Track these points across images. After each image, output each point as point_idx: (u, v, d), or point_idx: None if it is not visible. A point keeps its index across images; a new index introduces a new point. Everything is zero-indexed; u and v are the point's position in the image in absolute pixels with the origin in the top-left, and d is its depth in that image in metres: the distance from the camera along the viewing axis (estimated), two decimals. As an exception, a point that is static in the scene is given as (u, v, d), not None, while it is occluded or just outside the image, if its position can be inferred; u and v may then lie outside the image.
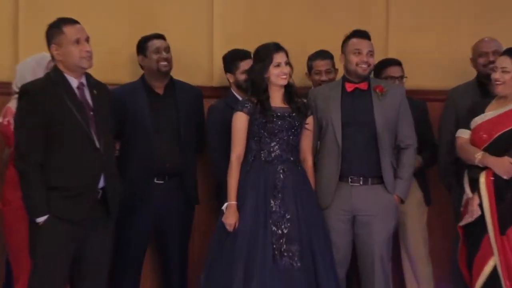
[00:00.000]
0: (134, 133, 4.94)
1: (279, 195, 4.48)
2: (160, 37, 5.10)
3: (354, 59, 4.70)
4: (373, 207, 4.64)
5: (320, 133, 4.76)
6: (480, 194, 4.53)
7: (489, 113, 4.65)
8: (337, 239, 4.64)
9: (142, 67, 5.13)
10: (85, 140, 4.16)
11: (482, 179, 4.54)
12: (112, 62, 5.24)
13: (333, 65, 5.29)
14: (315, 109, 4.76)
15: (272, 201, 4.46)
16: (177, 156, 4.98)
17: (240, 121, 4.55)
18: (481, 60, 5.20)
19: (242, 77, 4.97)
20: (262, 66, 4.52)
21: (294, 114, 4.57)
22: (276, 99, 4.59)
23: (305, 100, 4.66)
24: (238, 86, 5.07)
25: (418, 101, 5.28)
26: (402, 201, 4.76)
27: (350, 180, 4.66)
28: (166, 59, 5.04)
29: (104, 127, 4.26)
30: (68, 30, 4.19)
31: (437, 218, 5.51)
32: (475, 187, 4.59)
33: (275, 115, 4.51)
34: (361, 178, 4.66)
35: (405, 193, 4.74)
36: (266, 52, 4.54)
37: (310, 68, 5.34)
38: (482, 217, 4.51)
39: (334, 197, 4.63)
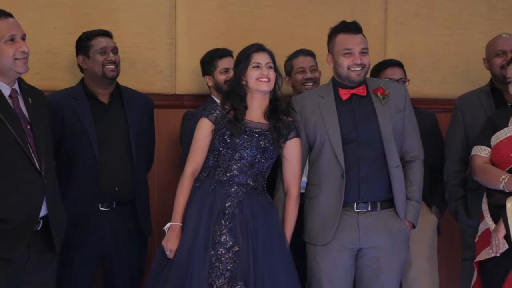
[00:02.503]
0: (74, 150, 4.45)
1: (228, 223, 4.00)
2: (106, 34, 4.57)
3: (344, 61, 4.13)
4: (383, 238, 4.15)
5: (310, 152, 4.22)
6: (508, 223, 4.05)
7: None
8: (337, 276, 4.15)
9: (82, 69, 4.60)
10: (23, 161, 3.76)
11: (510, 204, 4.07)
12: (51, 65, 4.77)
13: (316, 64, 4.89)
14: (304, 122, 4.22)
15: (218, 229, 4.00)
16: (128, 177, 4.47)
17: (202, 130, 4.13)
18: (498, 60, 4.71)
19: (221, 77, 4.66)
20: (239, 69, 4.11)
21: (267, 133, 4.08)
22: (255, 112, 4.12)
23: (291, 119, 4.16)
24: (218, 89, 4.68)
25: (424, 111, 4.84)
26: (413, 226, 4.28)
27: (356, 206, 4.14)
28: (113, 62, 4.51)
29: (44, 144, 3.86)
30: (0, 25, 3.79)
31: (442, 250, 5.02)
32: (497, 216, 4.12)
33: (243, 129, 4.06)
34: (369, 203, 4.14)
35: (417, 217, 4.25)
36: (245, 52, 4.13)
37: (290, 69, 4.89)
38: (507, 250, 4.06)
39: (338, 229, 4.12)
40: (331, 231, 4.10)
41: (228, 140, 4.04)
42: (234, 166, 4.04)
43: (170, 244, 3.99)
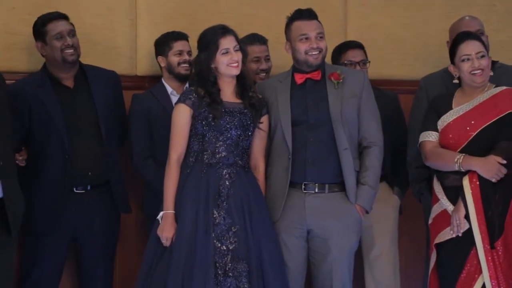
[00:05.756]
0: (43, 139, 4.42)
1: (224, 204, 4.04)
2: (62, 17, 4.48)
3: (301, 46, 4.23)
4: (330, 220, 4.18)
5: (269, 134, 4.32)
6: (466, 202, 4.10)
7: (460, 108, 4.25)
8: (288, 257, 4.20)
9: (42, 55, 4.53)
10: None
11: (466, 182, 4.10)
12: (9, 46, 4.69)
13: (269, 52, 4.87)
14: None
15: (215, 212, 4.03)
16: (99, 161, 4.48)
17: (181, 115, 4.10)
18: None
19: (175, 59, 4.64)
20: (207, 55, 4.08)
21: (246, 111, 4.15)
22: (227, 93, 4.17)
23: (260, 96, 4.24)
24: (170, 71, 4.67)
25: (387, 92, 4.86)
26: (366, 212, 4.27)
27: (303, 187, 4.20)
28: (72, 46, 4.43)
29: (1, 125, 3.83)
30: None
31: (407, 232, 5.05)
32: (453, 197, 4.16)
33: (223, 110, 4.09)
34: (316, 185, 4.19)
35: (370, 202, 4.26)
36: (211, 38, 4.10)
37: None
38: (467, 229, 4.11)
39: (285, 208, 4.20)
40: (279, 210, 4.18)
41: (213, 123, 4.06)
42: (222, 147, 4.07)
43: (165, 232, 3.99)
